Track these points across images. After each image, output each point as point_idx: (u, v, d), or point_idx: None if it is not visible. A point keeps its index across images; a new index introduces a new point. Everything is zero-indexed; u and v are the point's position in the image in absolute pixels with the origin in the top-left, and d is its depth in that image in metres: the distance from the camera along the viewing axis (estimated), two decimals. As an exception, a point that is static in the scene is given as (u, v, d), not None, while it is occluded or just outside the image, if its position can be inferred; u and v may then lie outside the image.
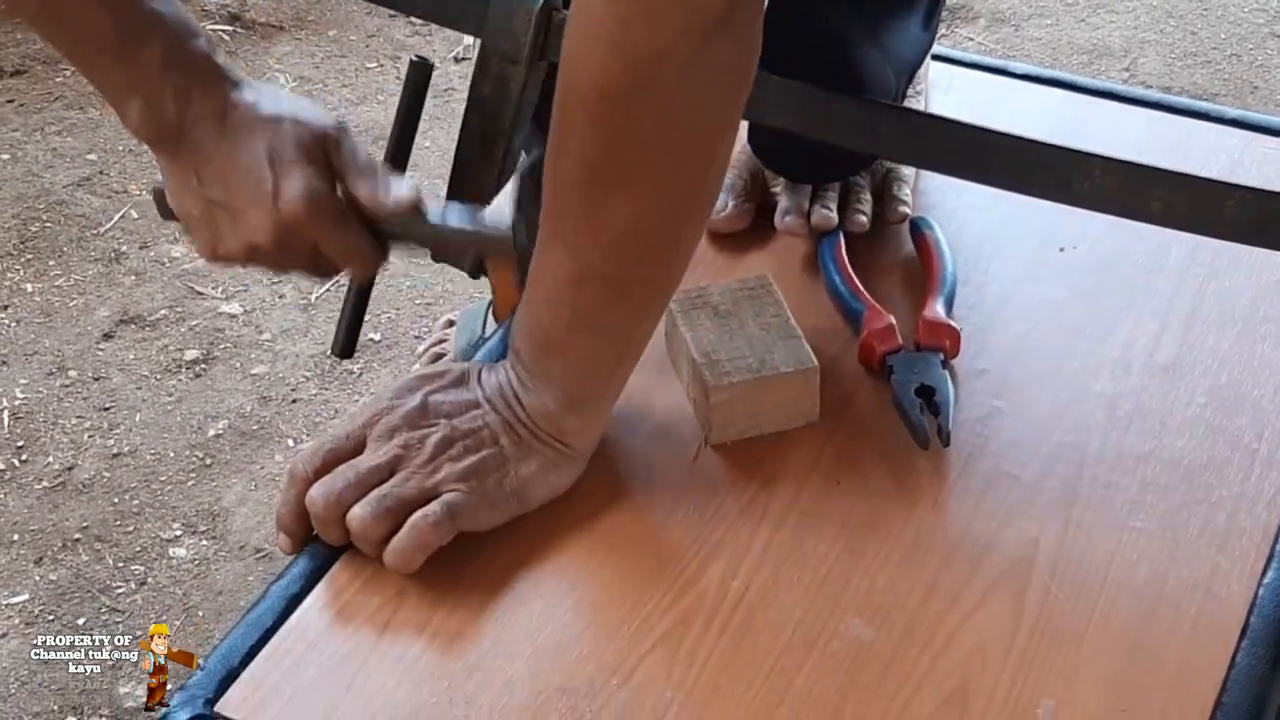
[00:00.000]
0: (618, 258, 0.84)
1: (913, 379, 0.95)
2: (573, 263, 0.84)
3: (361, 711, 0.80)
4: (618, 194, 0.81)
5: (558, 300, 0.86)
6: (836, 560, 0.87)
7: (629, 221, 0.82)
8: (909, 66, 1.09)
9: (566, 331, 0.87)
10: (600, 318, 0.87)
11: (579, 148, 0.81)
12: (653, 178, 0.82)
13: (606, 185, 0.81)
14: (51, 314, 1.72)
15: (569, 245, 0.84)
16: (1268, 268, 1.05)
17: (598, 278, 0.84)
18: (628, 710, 0.79)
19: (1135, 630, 0.83)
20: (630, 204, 0.82)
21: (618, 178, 0.81)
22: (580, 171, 0.81)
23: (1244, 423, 0.94)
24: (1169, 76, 2.08)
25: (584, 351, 0.88)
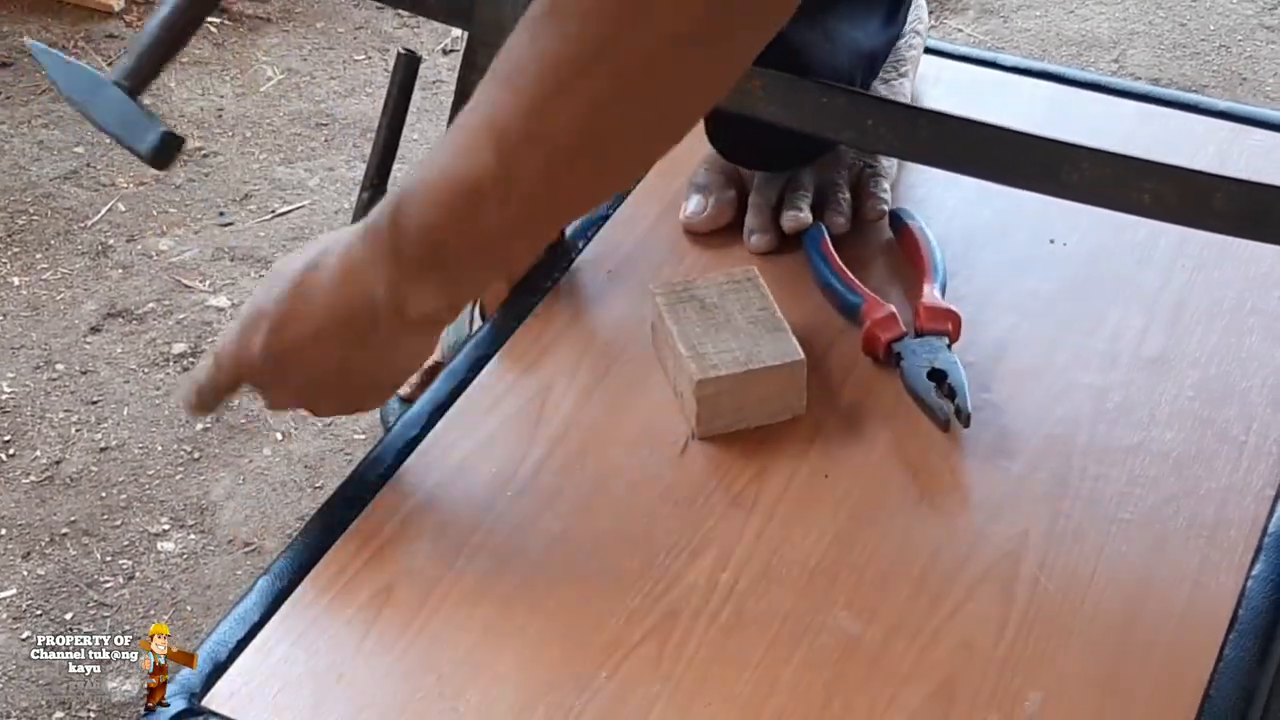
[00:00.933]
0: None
1: (922, 364, 0.95)
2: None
3: (349, 705, 0.80)
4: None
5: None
6: (825, 553, 0.87)
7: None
8: (865, 55, 1.08)
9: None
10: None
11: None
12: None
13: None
14: (38, 307, 1.71)
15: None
16: (1255, 260, 1.05)
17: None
18: (615, 703, 0.79)
19: (1124, 622, 0.83)
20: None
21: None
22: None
23: (1232, 415, 0.94)
24: (1158, 68, 2.08)
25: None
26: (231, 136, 1.97)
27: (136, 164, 1.92)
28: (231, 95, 2.05)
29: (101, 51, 2.10)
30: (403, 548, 0.88)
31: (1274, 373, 0.97)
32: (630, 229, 1.10)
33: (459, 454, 0.93)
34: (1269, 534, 0.87)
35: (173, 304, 1.72)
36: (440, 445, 0.94)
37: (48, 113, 2.01)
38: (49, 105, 2.02)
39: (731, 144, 1.09)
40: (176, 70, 2.09)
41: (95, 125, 1.06)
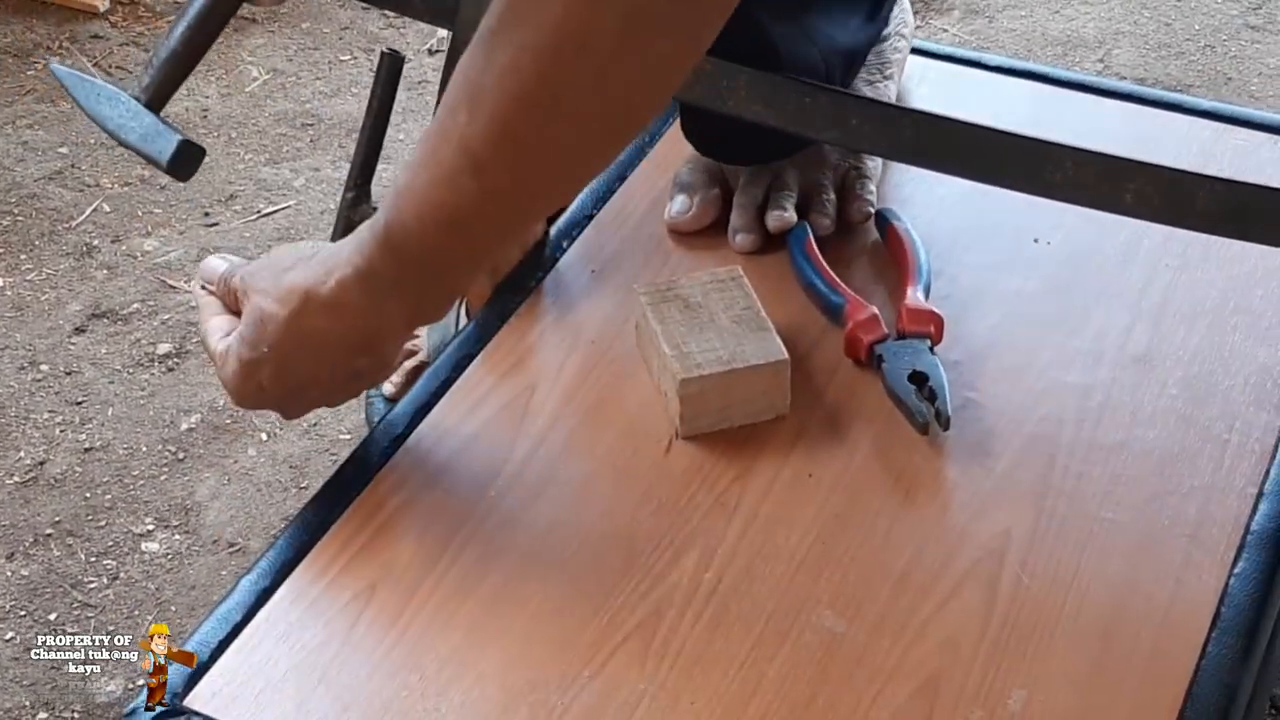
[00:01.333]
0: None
1: (904, 366, 0.95)
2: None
3: (332, 705, 0.80)
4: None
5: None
6: (809, 552, 0.87)
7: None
8: (842, 52, 1.08)
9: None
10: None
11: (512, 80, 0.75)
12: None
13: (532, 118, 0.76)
14: (23, 308, 1.71)
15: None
16: (1238, 259, 1.05)
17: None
18: (599, 703, 0.79)
19: (1107, 620, 0.83)
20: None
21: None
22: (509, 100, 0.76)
23: (1215, 413, 0.95)
24: (1143, 68, 2.08)
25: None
26: (217, 137, 1.97)
27: (121, 164, 1.92)
28: (217, 95, 2.04)
29: (87, 52, 2.10)
30: (386, 547, 0.88)
31: (1257, 371, 0.97)
32: (615, 228, 1.10)
33: (443, 453, 0.93)
34: (1252, 532, 0.87)
35: (157, 304, 1.71)
36: (424, 445, 0.94)
37: (32, 113, 2.00)
38: (33, 106, 2.02)
39: (706, 138, 1.09)
40: (161, 70, 2.09)
41: (120, 142, 1.08)
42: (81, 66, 2.07)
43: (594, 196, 1.12)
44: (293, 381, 0.88)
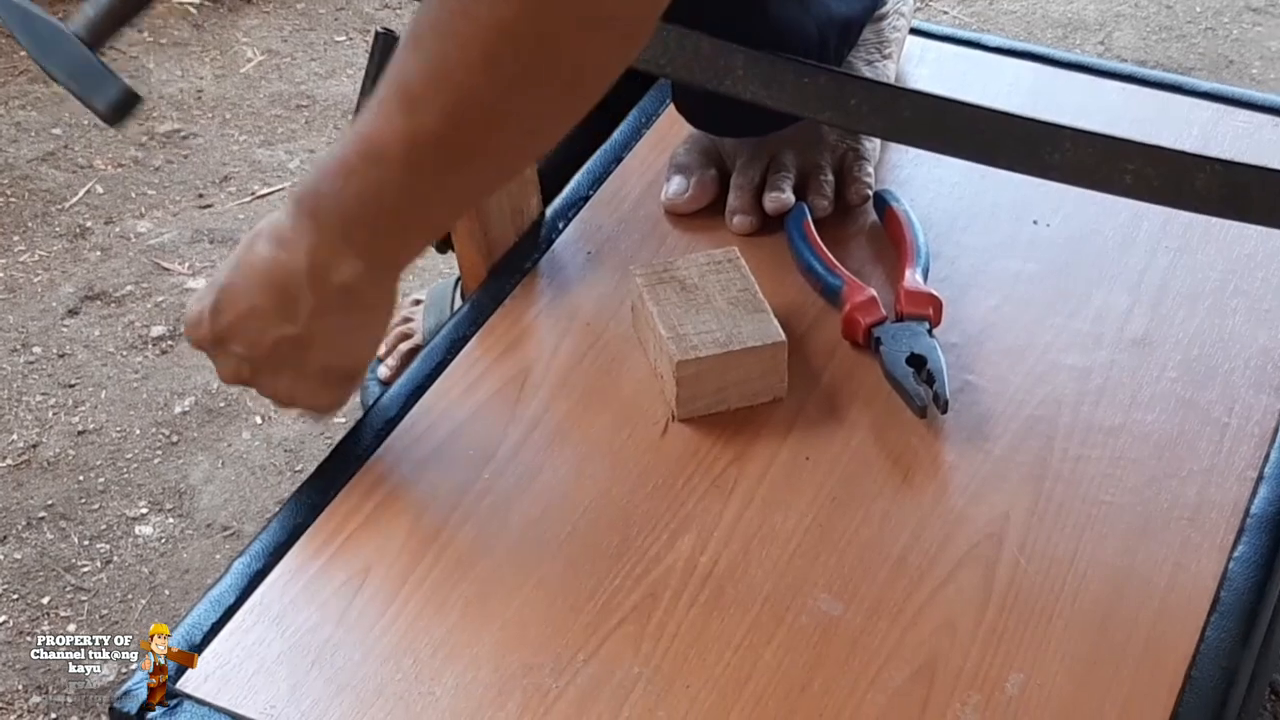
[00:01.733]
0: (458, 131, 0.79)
1: (902, 349, 0.94)
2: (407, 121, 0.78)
3: (325, 688, 0.79)
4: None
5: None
6: (805, 535, 0.86)
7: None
8: (839, 22, 1.07)
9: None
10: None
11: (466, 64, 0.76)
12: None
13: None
14: (15, 290, 1.70)
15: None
16: (1238, 241, 1.05)
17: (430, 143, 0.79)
18: (594, 685, 0.79)
19: (1105, 604, 0.82)
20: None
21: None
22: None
23: (1214, 396, 0.94)
24: (1144, 50, 2.07)
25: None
26: (211, 118, 1.96)
27: (115, 146, 1.91)
28: (211, 77, 2.03)
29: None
30: (380, 530, 0.87)
31: (1257, 354, 0.97)
32: (611, 209, 1.09)
33: (437, 436, 0.92)
34: (1251, 515, 0.87)
35: (151, 286, 1.71)
36: (418, 427, 0.93)
37: (25, 94, 1.99)
38: (26, 86, 2.00)
39: (697, 111, 1.09)
40: (155, 51, 2.08)
41: (50, 76, 1.05)
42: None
43: (590, 177, 1.11)
44: (225, 317, 0.87)
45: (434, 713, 0.77)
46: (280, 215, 0.85)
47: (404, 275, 0.87)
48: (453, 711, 0.77)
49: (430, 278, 1.62)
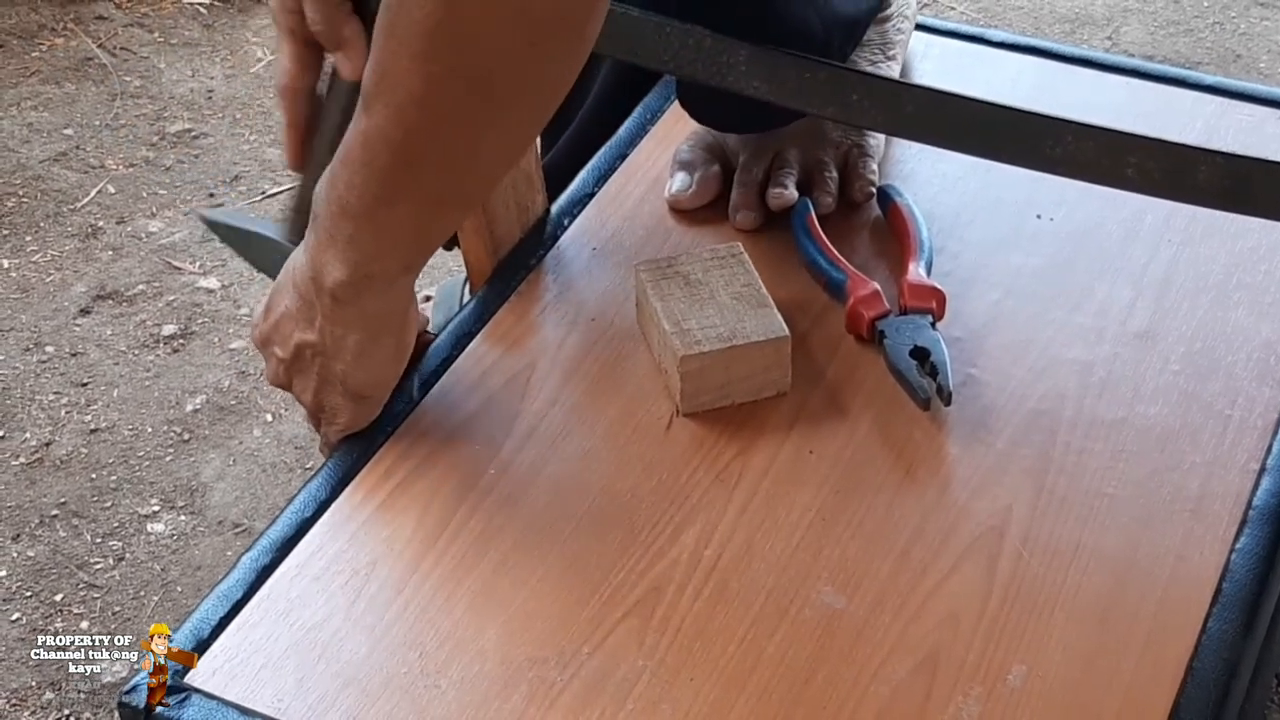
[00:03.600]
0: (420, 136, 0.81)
1: (905, 342, 0.95)
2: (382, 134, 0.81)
3: (333, 681, 0.80)
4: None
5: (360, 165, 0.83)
6: (809, 528, 0.87)
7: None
8: (845, 22, 1.07)
9: (361, 201, 0.84)
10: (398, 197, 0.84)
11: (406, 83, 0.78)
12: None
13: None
14: (28, 290, 1.71)
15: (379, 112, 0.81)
16: (1241, 235, 1.05)
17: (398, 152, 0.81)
18: (599, 679, 0.79)
19: (1107, 596, 0.83)
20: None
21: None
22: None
23: (1217, 389, 0.94)
24: (1151, 45, 2.07)
25: (379, 223, 0.85)
26: (221, 118, 1.97)
27: (126, 146, 1.92)
28: (221, 76, 2.04)
29: (91, 34, 2.10)
30: (386, 524, 0.88)
31: (1260, 347, 0.97)
32: (616, 206, 1.09)
33: (443, 431, 0.93)
34: (1253, 508, 0.87)
35: (163, 286, 1.72)
36: (424, 422, 0.94)
37: (36, 95, 2.00)
38: (38, 87, 2.02)
39: (702, 106, 1.09)
40: (166, 52, 2.09)
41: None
42: (86, 49, 2.07)
43: (595, 174, 1.12)
44: (268, 321, 0.92)
45: (440, 705, 0.78)
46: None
47: (431, 285, 0.88)
48: (459, 704, 0.78)
49: (440, 275, 1.63)
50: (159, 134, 1.95)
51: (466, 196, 0.87)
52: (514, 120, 0.81)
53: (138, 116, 1.98)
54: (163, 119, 1.97)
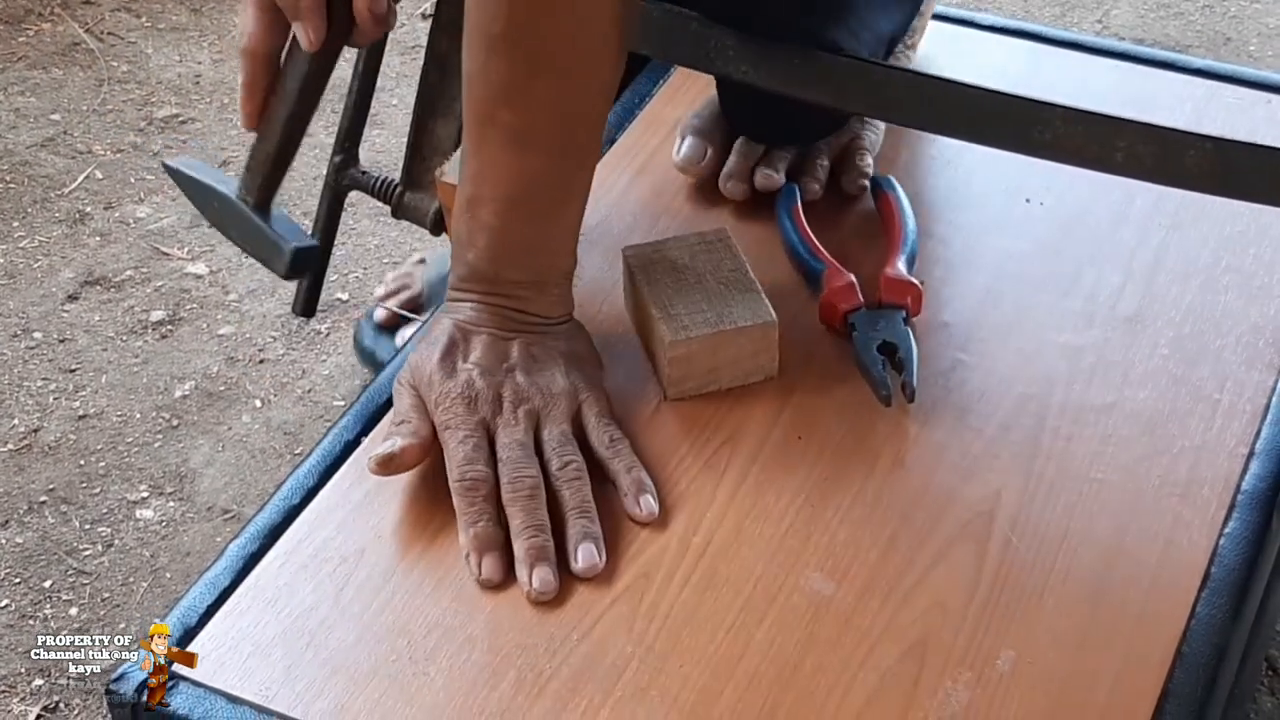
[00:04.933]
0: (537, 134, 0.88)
1: (874, 336, 0.94)
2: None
3: (321, 669, 0.79)
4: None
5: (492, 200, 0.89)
6: (797, 515, 0.86)
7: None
8: (885, 40, 1.09)
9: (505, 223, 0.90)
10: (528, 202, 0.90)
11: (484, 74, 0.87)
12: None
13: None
14: (15, 275, 1.70)
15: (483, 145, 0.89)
16: (1231, 219, 1.05)
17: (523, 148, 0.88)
18: (588, 665, 0.79)
19: (1096, 581, 0.83)
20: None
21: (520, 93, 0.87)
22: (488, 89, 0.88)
23: (1206, 373, 0.94)
24: (1141, 28, 2.07)
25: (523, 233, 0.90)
26: (209, 103, 1.96)
27: (114, 131, 1.91)
28: (209, 61, 2.03)
29: (78, 18, 2.09)
30: (375, 512, 0.87)
31: (1248, 331, 0.97)
32: (603, 191, 1.09)
33: (431, 418, 0.93)
34: (1242, 492, 0.87)
35: (151, 271, 1.71)
36: (412, 409, 0.93)
37: (24, 80, 1.99)
38: (24, 72, 2.01)
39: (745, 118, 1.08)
40: (154, 37, 2.08)
41: (232, 241, 1.07)
42: (73, 34, 2.06)
43: (583, 159, 1.11)
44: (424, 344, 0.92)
45: (428, 693, 0.78)
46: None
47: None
48: (447, 691, 0.78)
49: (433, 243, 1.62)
50: (146, 119, 1.94)
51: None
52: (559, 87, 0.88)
53: (125, 102, 1.97)
54: (150, 104, 1.97)
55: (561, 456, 0.86)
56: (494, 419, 0.87)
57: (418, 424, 0.88)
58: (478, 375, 0.88)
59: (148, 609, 1.36)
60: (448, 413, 0.87)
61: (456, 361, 0.89)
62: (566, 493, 0.85)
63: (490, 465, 0.86)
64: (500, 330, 0.91)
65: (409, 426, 0.88)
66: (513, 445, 0.86)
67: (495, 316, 0.91)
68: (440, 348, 0.89)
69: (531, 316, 0.91)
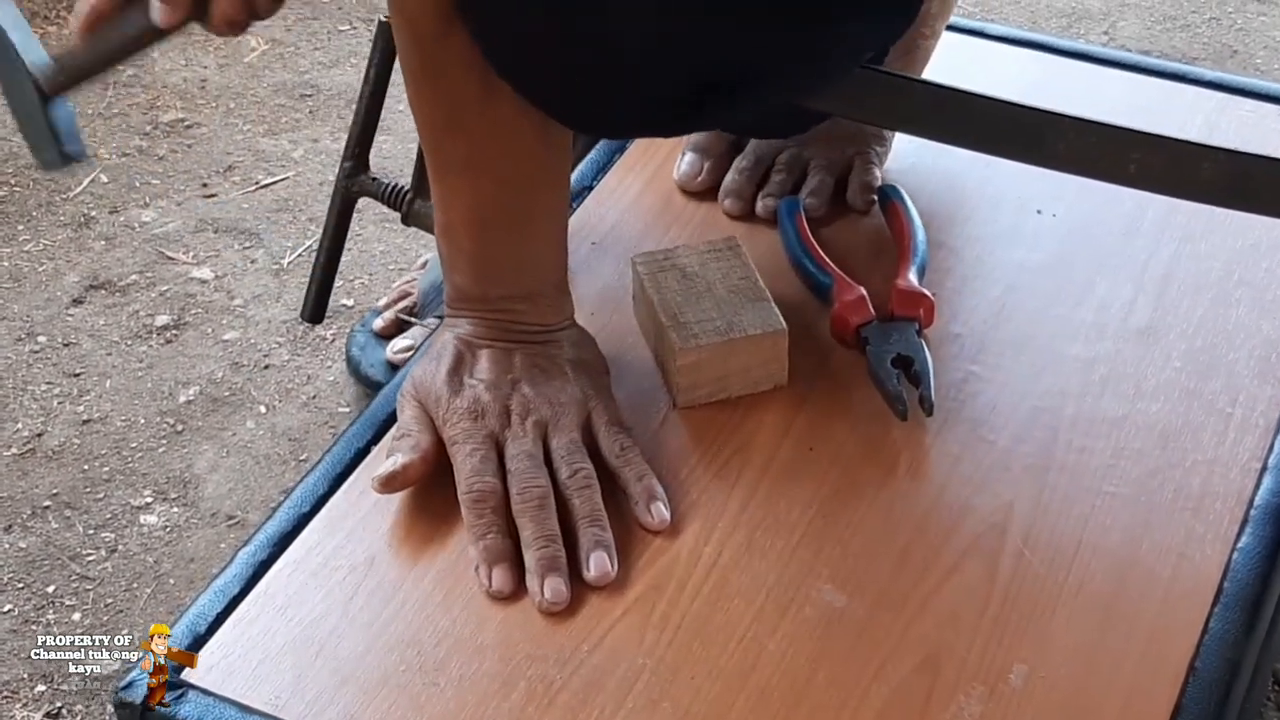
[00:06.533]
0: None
1: (888, 350, 0.94)
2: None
3: (330, 678, 0.79)
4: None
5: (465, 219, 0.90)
6: (810, 526, 0.86)
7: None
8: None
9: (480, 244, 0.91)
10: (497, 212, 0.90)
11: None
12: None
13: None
14: (20, 279, 1.70)
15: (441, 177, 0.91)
16: (1243, 231, 1.05)
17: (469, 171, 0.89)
18: (598, 677, 0.79)
19: (1108, 595, 0.82)
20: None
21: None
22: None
23: (1218, 387, 0.94)
24: (1148, 40, 2.07)
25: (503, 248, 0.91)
26: (215, 108, 1.96)
27: (119, 135, 1.91)
28: (215, 66, 2.03)
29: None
30: (385, 520, 0.87)
31: (1261, 345, 0.97)
32: (615, 200, 1.09)
33: (441, 426, 0.92)
34: (1255, 506, 0.87)
35: (156, 276, 1.71)
36: (422, 417, 0.93)
37: (29, 83, 1.99)
38: (30, 75, 2.00)
39: None
40: (159, 41, 2.07)
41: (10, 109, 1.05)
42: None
43: (593, 167, 1.11)
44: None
45: (438, 703, 0.77)
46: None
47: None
48: (457, 702, 0.78)
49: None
50: (152, 123, 1.94)
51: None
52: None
53: (131, 106, 1.97)
54: (156, 108, 1.96)
55: (571, 465, 0.86)
56: (502, 431, 0.87)
57: (419, 437, 0.88)
58: (484, 390, 0.88)
59: (151, 615, 1.35)
60: (455, 428, 0.87)
61: (463, 377, 0.89)
62: (577, 501, 0.85)
63: (499, 477, 0.86)
64: (502, 342, 0.90)
65: (409, 441, 0.87)
66: (521, 456, 0.86)
67: (494, 329, 0.91)
68: (446, 364, 0.89)
69: (530, 325, 0.91)
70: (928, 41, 1.11)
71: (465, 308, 0.92)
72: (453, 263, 0.92)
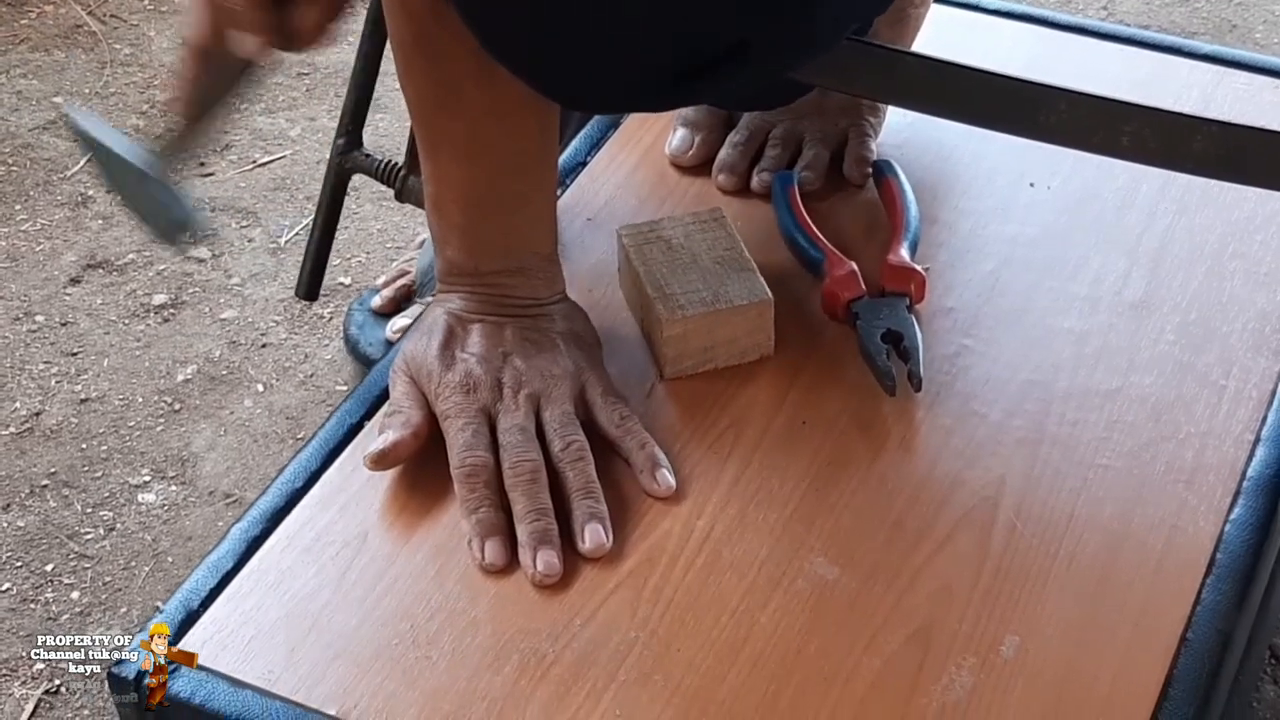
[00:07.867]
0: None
1: (878, 325, 0.94)
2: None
3: (323, 653, 0.79)
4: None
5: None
6: (802, 499, 0.86)
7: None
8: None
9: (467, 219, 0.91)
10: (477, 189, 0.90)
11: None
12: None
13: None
14: (17, 258, 1.70)
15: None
16: (1237, 204, 1.04)
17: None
18: (591, 650, 0.79)
19: (1101, 567, 0.82)
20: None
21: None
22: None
23: (1212, 359, 0.94)
24: (1147, 15, 2.06)
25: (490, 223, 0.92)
26: (212, 86, 1.96)
27: (116, 114, 1.90)
28: (212, 45, 2.03)
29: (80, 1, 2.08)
30: (378, 496, 0.87)
31: (1255, 317, 0.97)
32: (608, 176, 1.09)
33: (434, 401, 0.92)
34: (1248, 478, 0.87)
35: (153, 255, 1.71)
36: (415, 392, 0.93)
37: (26, 62, 1.99)
38: (27, 55, 2.00)
39: None
40: (156, 19, 2.07)
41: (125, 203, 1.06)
42: (75, 16, 2.06)
43: (587, 143, 1.11)
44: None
45: (431, 676, 0.78)
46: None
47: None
48: (450, 675, 0.78)
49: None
50: (149, 102, 1.93)
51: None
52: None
53: (128, 84, 1.96)
54: (153, 87, 1.96)
55: (564, 437, 0.86)
56: (494, 405, 0.87)
57: (410, 413, 0.88)
58: (476, 364, 0.88)
59: (149, 593, 1.36)
60: (447, 402, 0.87)
61: (455, 352, 0.89)
62: (570, 474, 0.85)
63: (491, 451, 0.86)
64: (493, 316, 0.91)
65: (401, 417, 0.88)
66: (513, 430, 0.86)
67: (485, 303, 0.91)
68: (438, 339, 0.89)
69: (521, 299, 0.91)
70: (917, 10, 1.11)
71: (456, 282, 0.92)
72: (444, 238, 0.92)
